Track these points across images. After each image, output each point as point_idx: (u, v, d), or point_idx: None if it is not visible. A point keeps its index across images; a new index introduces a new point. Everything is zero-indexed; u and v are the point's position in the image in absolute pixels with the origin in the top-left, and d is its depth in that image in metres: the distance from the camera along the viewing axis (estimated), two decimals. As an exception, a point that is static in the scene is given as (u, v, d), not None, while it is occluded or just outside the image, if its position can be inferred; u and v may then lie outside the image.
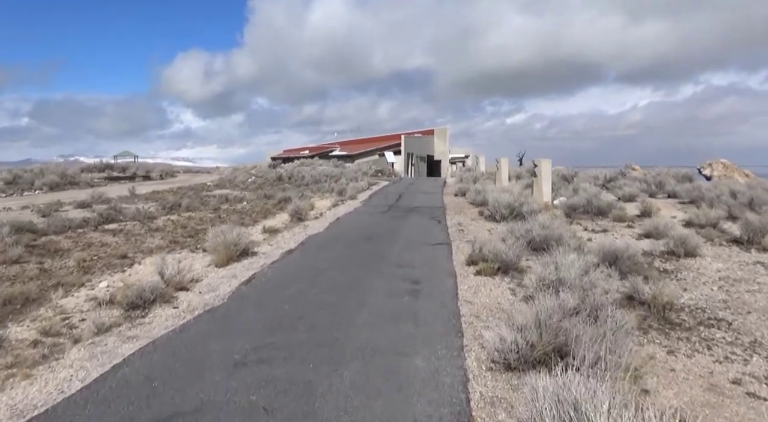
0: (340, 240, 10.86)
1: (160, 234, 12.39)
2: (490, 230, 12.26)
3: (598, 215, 14.29)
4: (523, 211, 13.30)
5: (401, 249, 9.79)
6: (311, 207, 16.95)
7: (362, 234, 11.64)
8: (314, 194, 23.21)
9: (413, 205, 17.15)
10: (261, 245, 10.79)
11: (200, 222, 14.50)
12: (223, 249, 9.09)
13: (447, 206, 16.98)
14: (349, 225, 13.10)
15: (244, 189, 26.93)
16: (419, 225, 12.80)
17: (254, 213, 16.64)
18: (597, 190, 17.92)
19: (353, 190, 21.94)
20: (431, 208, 16.50)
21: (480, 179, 23.05)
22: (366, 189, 23.69)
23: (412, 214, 14.90)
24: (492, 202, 13.96)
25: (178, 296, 7.06)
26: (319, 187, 25.72)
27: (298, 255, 9.51)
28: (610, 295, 6.04)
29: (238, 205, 18.94)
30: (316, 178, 29.18)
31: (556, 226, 10.39)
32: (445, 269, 8.27)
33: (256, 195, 22.47)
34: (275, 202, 18.93)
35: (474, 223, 13.27)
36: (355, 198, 20.13)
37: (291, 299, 6.60)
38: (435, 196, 20.72)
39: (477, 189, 17.75)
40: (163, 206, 17.71)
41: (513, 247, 8.34)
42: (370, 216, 14.86)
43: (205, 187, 27.98)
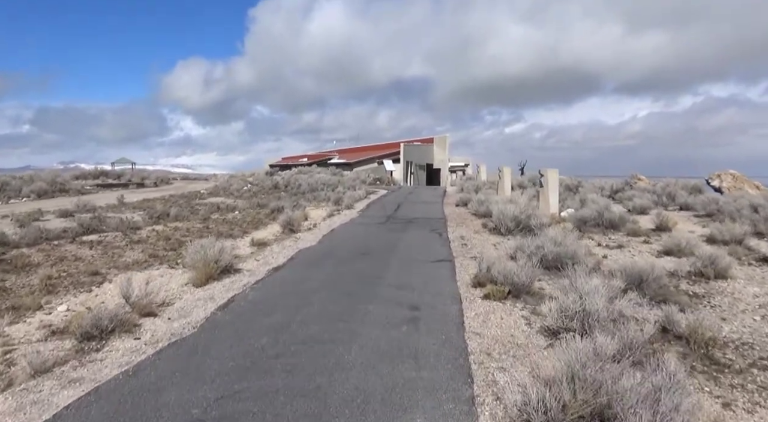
0: (333, 256, 9.93)
1: (141, 247, 11.44)
2: (496, 245, 11.34)
3: (610, 228, 13.38)
4: (531, 224, 12.39)
5: (399, 267, 8.86)
6: (305, 217, 16.03)
7: (357, 248, 10.71)
8: (310, 203, 22.31)
9: (412, 216, 16.23)
10: (247, 260, 9.85)
11: (186, 233, 13.56)
12: (202, 266, 8.15)
13: (448, 217, 16.07)
14: (343, 238, 12.18)
15: (239, 197, 26.01)
16: (419, 239, 11.87)
17: (245, 223, 15.72)
18: (606, 202, 17.04)
19: (350, 199, 21.03)
20: (431, 219, 15.58)
21: (482, 189, 22.16)
22: (363, 198, 22.78)
23: (411, 226, 13.98)
24: (496, 213, 13.05)
25: (143, 324, 6.11)
26: (316, 195, 24.81)
27: (285, 273, 8.57)
28: (645, 329, 5.11)
29: (230, 215, 18.01)
30: (313, 186, 28.29)
31: (570, 242, 9.48)
32: (448, 292, 7.33)
33: (249, 203, 21.55)
34: (268, 211, 18.00)
35: (477, 237, 12.34)
36: (352, 207, 19.22)
37: (271, 330, 5.66)
38: (435, 206, 19.82)
39: (479, 199, 16.85)
40: (150, 215, 16.79)
41: (525, 267, 7.40)
42: (367, 227, 13.94)
43: (198, 194, 27.06)
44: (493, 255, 9.50)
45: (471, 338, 5.51)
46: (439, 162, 52.04)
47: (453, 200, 21.73)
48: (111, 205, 20.46)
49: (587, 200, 17.80)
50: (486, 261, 8.04)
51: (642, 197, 18.05)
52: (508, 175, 22.15)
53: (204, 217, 16.76)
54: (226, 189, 29.63)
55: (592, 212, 13.61)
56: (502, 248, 10.60)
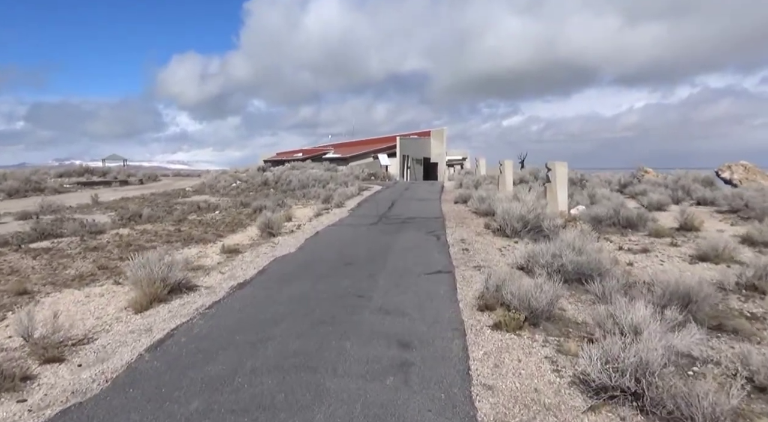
0: (312, 267, 8.36)
1: (94, 256, 9.86)
2: (502, 250, 9.79)
3: (627, 228, 11.84)
4: (542, 225, 10.84)
5: (389, 282, 7.30)
6: (288, 218, 14.45)
7: (341, 256, 9.15)
8: (298, 201, 20.73)
9: (407, 215, 14.66)
10: (210, 273, 8.29)
11: (153, 237, 11.99)
12: (146, 285, 6.59)
13: (446, 216, 14.50)
14: (328, 243, 10.60)
15: (225, 195, 24.42)
16: (414, 243, 10.31)
17: (223, 225, 14.14)
18: (618, 198, 15.49)
19: (341, 196, 19.44)
20: (428, 218, 14.02)
21: (482, 184, 20.57)
22: (356, 195, 21.20)
23: (406, 228, 12.41)
24: (501, 212, 11.48)
25: (41, 375, 4.54)
26: (306, 192, 23.23)
27: (250, 292, 7.00)
28: (730, 391, 3.57)
29: (209, 215, 16.43)
30: (304, 182, 26.69)
31: (591, 248, 7.93)
32: (448, 318, 5.78)
33: (233, 202, 19.95)
34: (250, 211, 16.41)
35: (480, 240, 10.78)
36: (342, 205, 17.63)
37: (206, 388, 4.10)
38: (432, 203, 18.24)
39: (480, 196, 15.29)
40: (120, 216, 15.22)
41: (543, 286, 5.84)
42: (356, 229, 12.37)
43: (182, 192, 25.44)
44: (500, 267, 7.96)
45: (481, 396, 3.97)
46: (436, 156, 50.42)
47: (451, 196, 20.16)
48: (83, 205, 18.86)
49: (597, 196, 16.27)
50: (493, 276, 6.49)
51: (655, 191, 16.50)
52: (510, 169, 20.58)
53: (179, 218, 15.16)
54: (213, 186, 28.01)
55: (607, 210, 12.06)
56: (510, 255, 9.05)
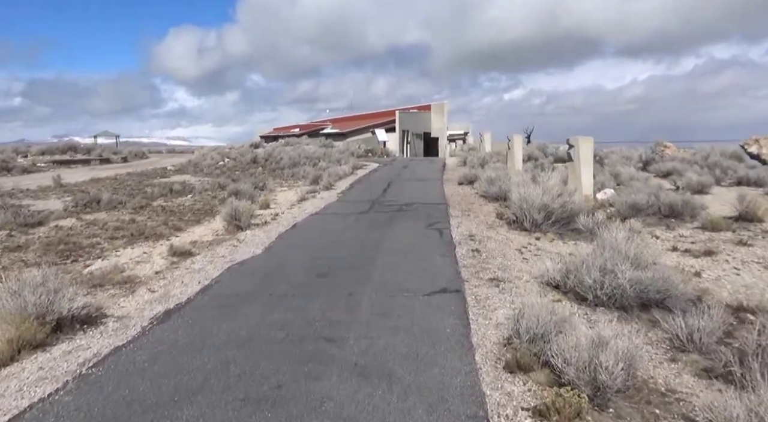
0: (275, 280, 6.18)
1: (3, 261, 7.71)
2: (523, 250, 7.61)
3: (670, 217, 9.64)
4: (570, 216, 8.63)
5: (373, 309, 5.13)
6: (266, 205, 12.23)
7: (317, 261, 6.96)
8: (285, 181, 18.49)
9: (404, 200, 12.42)
10: (137, 290, 6.12)
11: (100, 230, 9.82)
12: (16, 322, 4.43)
13: (450, 201, 12.28)
14: (304, 241, 8.40)
15: (208, 174, 22.16)
16: (411, 241, 8.10)
17: (189, 213, 11.96)
18: (648, 178, 13.24)
19: (332, 176, 17.18)
20: (428, 205, 11.79)
21: (488, 162, 18.25)
22: (348, 174, 18.93)
23: (402, 217, 10.20)
24: (517, 199, 9.26)
25: None
26: (295, 171, 20.97)
27: (171, 330, 4.80)
28: None
29: (179, 199, 14.23)
30: (295, 160, 24.37)
31: (648, 255, 5.74)
32: (459, 388, 3.61)
33: (215, 183, 17.71)
34: (227, 194, 14.18)
35: (493, 235, 8.59)
36: (332, 187, 15.40)
37: None
38: (433, 184, 15.98)
39: (489, 177, 13.02)
40: (76, 202, 13.01)
41: (610, 341, 3.65)
42: (342, 220, 10.16)
43: (162, 172, 23.17)
44: (527, 285, 5.78)
45: None
46: (437, 130, 47.82)
47: (455, 176, 17.87)
48: (43, 187, 16.63)
49: (621, 176, 14.00)
50: (525, 312, 4.31)
51: (689, 169, 14.21)
52: (519, 145, 18.26)
53: (142, 205, 12.95)
54: (198, 164, 25.71)
55: (647, 196, 9.81)
56: (534, 260, 6.88)
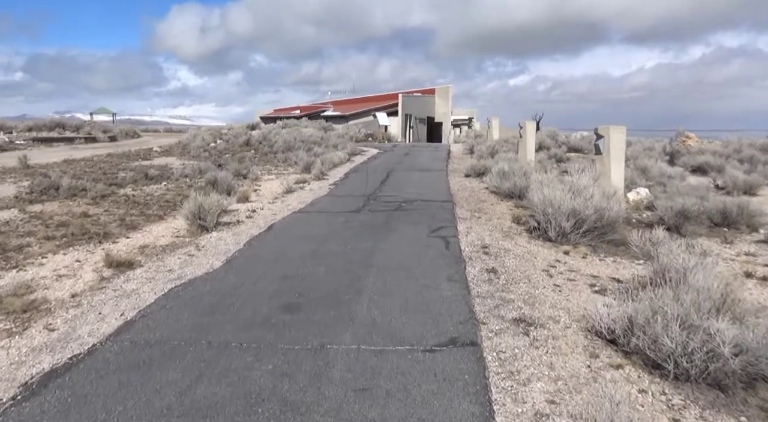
0: (220, 317, 4.49)
1: None
2: (551, 270, 5.91)
3: (720, 226, 7.92)
4: (605, 223, 6.92)
5: (348, 382, 3.43)
6: (245, 197, 10.51)
7: (285, 285, 5.27)
8: (275, 168, 16.74)
9: (404, 196, 10.69)
10: (34, 324, 4.43)
11: (41, 226, 8.13)
12: None
13: (457, 197, 10.55)
14: (276, 252, 6.68)
15: (195, 157, 20.38)
16: (408, 258, 6.38)
17: (156, 205, 10.25)
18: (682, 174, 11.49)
19: (326, 164, 15.44)
20: (432, 202, 10.05)
21: (499, 151, 16.44)
22: (345, 161, 17.17)
23: (400, 219, 8.48)
24: (540, 202, 7.53)
25: None
26: (287, 156, 19.19)
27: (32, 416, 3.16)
28: None
29: (151, 187, 12.51)
30: (290, 143, 22.54)
31: (740, 293, 4.04)
32: None
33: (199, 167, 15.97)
34: (204, 182, 12.45)
35: (510, 246, 6.88)
36: (324, 177, 13.67)
37: None
38: (437, 176, 14.23)
39: (501, 170, 11.26)
40: (31, 189, 11.33)
41: None
42: (329, 221, 8.44)
43: (147, 153, 21.40)
44: (571, 337, 4.08)
45: None
46: (441, 115, 45.82)
47: (461, 166, 16.10)
48: (6, 169, 14.90)
49: (650, 171, 12.24)
50: (571, 381, 2.62)
51: (727, 164, 12.43)
52: (532, 133, 16.43)
53: (105, 193, 11.23)
54: (186, 146, 23.90)
55: (693, 198, 8.07)
56: (571, 291, 5.18)
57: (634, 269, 6.10)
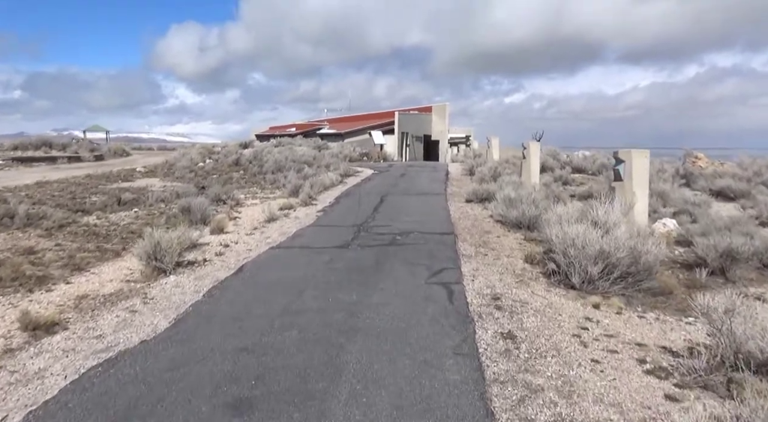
0: None
1: None
2: (583, 336, 4.62)
3: None
4: (643, 270, 5.66)
5: None
6: (219, 228, 9.22)
7: (239, 364, 3.96)
8: (262, 190, 15.50)
9: (399, 226, 9.41)
10: None
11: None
12: None
13: (458, 227, 9.28)
14: (239, 309, 5.35)
15: (180, 178, 19.15)
16: (402, 318, 5.04)
17: (118, 237, 8.96)
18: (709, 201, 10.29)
19: (316, 187, 14.22)
20: (431, 235, 8.77)
21: (502, 173, 15.21)
22: (337, 184, 15.94)
23: (394, 259, 7.18)
24: (560, 241, 6.28)
25: None
26: (277, 177, 17.97)
27: None
28: None
29: (120, 214, 11.22)
30: (281, 163, 21.34)
31: None
32: None
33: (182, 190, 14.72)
34: (178, 209, 11.16)
35: (527, 296, 5.60)
36: (312, 202, 12.41)
37: None
38: (436, 200, 12.99)
39: (507, 197, 10.04)
40: (-16, 218, 10.04)
41: None
42: (310, 261, 7.14)
43: (129, 174, 20.14)
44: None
45: None
46: (438, 133, 44.83)
47: (461, 189, 14.88)
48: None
49: (670, 197, 11.04)
50: None
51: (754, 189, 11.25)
52: (537, 154, 15.27)
53: (64, 222, 9.93)
54: (173, 165, 22.68)
55: (739, 236, 6.82)
56: (620, 375, 3.88)
57: (686, 332, 4.84)
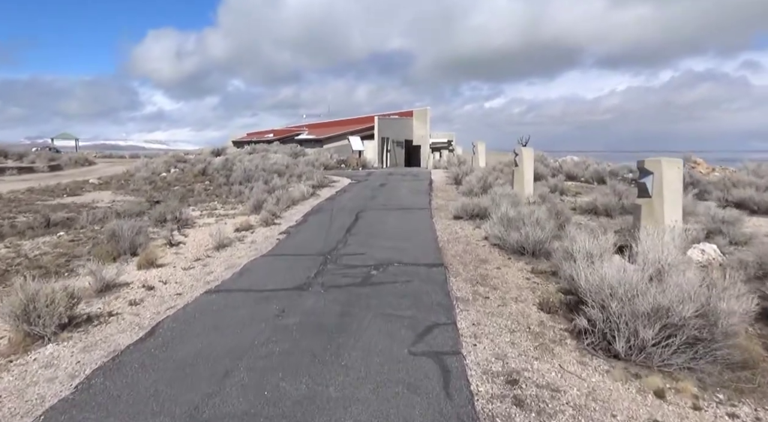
0: None
1: None
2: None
3: None
4: (719, 332, 3.91)
5: None
6: (149, 261, 7.24)
7: None
8: (222, 205, 13.53)
9: (375, 256, 7.54)
10: None
11: None
12: None
13: (448, 256, 7.45)
14: (127, 409, 3.48)
15: (135, 190, 17.04)
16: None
17: (18, 275, 6.95)
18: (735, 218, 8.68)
19: (283, 201, 12.32)
20: (414, 267, 6.92)
21: (493, 183, 13.46)
22: (308, 197, 14.03)
23: (366, 310, 5.32)
24: (595, 288, 4.51)
25: None
26: (243, 189, 15.99)
27: None
28: None
29: (38, 240, 9.18)
30: (249, 173, 19.35)
31: None
32: None
33: (131, 205, 12.68)
34: (107, 235, 9.14)
35: (556, 376, 3.80)
36: (275, 221, 10.49)
37: None
38: (420, 218, 11.16)
39: (505, 215, 8.27)
40: None
41: None
42: (253, 313, 5.24)
43: (80, 187, 17.93)
44: None
45: None
46: (419, 138, 43.21)
47: (447, 201, 13.09)
48: None
49: (691, 210, 9.43)
50: None
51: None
52: (531, 161, 13.59)
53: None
54: (132, 175, 20.49)
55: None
56: None
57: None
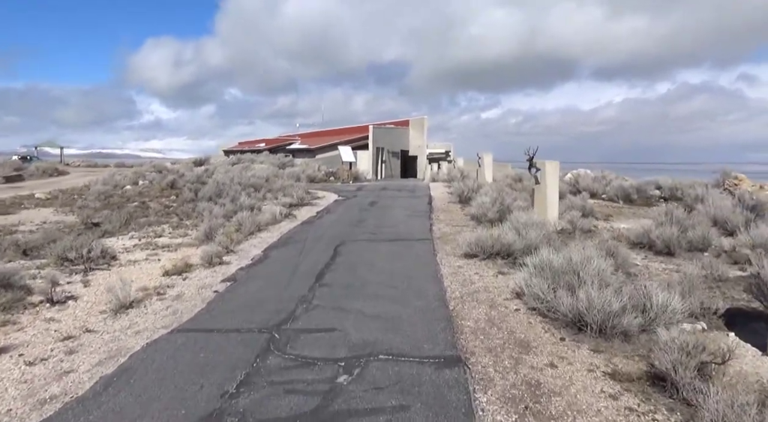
0: None
1: None
2: None
3: None
4: None
5: None
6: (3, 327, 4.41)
7: None
8: (174, 230, 10.67)
9: (351, 335, 4.72)
10: None
11: None
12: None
13: (465, 332, 4.65)
14: None
15: (82, 207, 14.17)
16: None
17: None
18: None
19: (246, 225, 9.50)
20: (410, 364, 4.10)
21: (512, 205, 10.60)
22: (280, 219, 11.16)
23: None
24: None
25: None
26: (209, 206, 13.14)
27: None
28: None
29: None
30: (221, 188, 16.51)
31: None
32: None
33: (59, 228, 9.83)
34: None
35: None
36: (223, 260, 7.62)
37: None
38: (419, 254, 8.30)
39: (548, 263, 5.46)
40: None
41: None
42: None
43: (19, 202, 15.05)
44: None
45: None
46: (415, 148, 40.49)
47: (452, 228, 10.25)
48: None
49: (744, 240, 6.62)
50: None
51: None
52: (555, 178, 10.78)
53: None
54: (87, 187, 17.62)
55: None
56: None
57: None
